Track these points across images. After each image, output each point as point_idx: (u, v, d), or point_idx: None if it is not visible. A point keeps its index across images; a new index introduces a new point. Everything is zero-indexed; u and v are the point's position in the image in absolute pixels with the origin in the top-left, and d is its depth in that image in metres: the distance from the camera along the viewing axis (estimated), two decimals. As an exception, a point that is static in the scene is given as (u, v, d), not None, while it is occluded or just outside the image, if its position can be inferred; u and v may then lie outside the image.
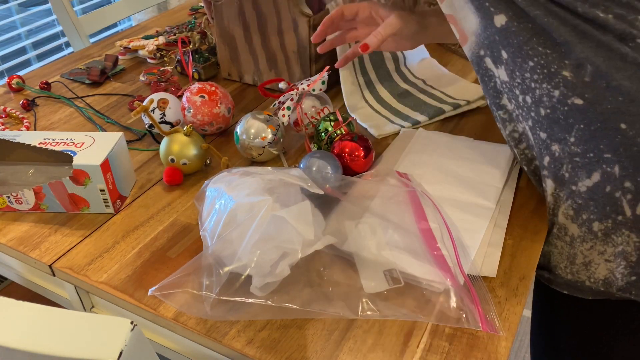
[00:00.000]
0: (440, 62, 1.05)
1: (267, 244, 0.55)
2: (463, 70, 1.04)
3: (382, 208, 0.64)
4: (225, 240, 0.57)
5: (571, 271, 0.69)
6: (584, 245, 0.65)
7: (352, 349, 0.54)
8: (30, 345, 0.41)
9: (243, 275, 0.56)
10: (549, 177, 0.65)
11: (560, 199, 0.65)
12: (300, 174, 0.62)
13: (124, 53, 1.14)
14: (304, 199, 0.60)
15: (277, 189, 0.59)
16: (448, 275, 0.58)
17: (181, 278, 0.58)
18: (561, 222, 0.66)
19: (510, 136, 0.68)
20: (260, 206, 0.56)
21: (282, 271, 0.56)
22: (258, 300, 0.56)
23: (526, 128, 0.65)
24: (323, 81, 0.81)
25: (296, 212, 0.57)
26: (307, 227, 0.57)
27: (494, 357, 0.53)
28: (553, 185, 0.65)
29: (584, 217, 0.63)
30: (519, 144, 0.68)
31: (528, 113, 0.62)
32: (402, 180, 0.68)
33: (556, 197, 0.65)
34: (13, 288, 1.39)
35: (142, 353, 0.44)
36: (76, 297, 0.68)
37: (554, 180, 0.64)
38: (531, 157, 0.68)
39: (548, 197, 0.66)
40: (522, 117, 0.64)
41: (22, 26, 2.00)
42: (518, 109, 0.63)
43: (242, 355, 0.54)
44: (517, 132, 0.67)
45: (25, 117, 0.92)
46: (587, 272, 0.67)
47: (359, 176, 0.69)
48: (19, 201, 0.71)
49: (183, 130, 0.75)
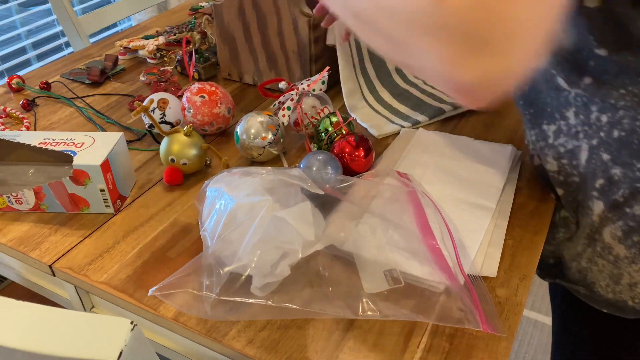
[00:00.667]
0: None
1: (268, 244, 0.55)
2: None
3: (382, 208, 0.64)
4: (226, 241, 0.57)
5: (613, 290, 0.67)
6: (633, 266, 0.64)
7: (353, 349, 0.54)
8: (30, 345, 0.40)
9: (243, 276, 0.56)
10: (599, 199, 0.63)
11: (608, 219, 0.63)
12: (300, 174, 0.62)
13: (124, 53, 1.14)
14: (304, 199, 0.60)
15: (277, 189, 0.59)
16: (448, 275, 0.58)
17: (181, 278, 0.58)
18: (607, 241, 0.65)
19: (555, 149, 0.66)
20: (261, 206, 0.56)
21: (282, 271, 0.56)
22: (258, 300, 0.56)
23: (583, 146, 0.63)
24: (323, 81, 0.81)
25: (296, 213, 0.57)
26: (307, 228, 0.57)
27: (495, 357, 0.53)
28: (603, 207, 0.63)
29: (634, 239, 0.62)
30: (561, 158, 0.66)
31: (596, 132, 0.60)
32: (402, 180, 0.68)
33: (604, 217, 0.64)
34: (13, 288, 1.39)
35: (142, 353, 0.44)
36: (76, 297, 0.68)
37: (606, 202, 0.63)
38: (571, 172, 0.66)
39: (593, 217, 0.65)
40: (584, 134, 0.62)
41: (22, 26, 2.00)
42: (584, 125, 0.61)
43: (242, 355, 0.54)
44: (564, 148, 0.65)
45: (25, 117, 0.92)
46: (631, 292, 0.66)
47: (359, 176, 0.69)
48: (19, 201, 0.71)
49: (183, 130, 0.75)
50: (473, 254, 0.62)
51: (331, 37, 0.93)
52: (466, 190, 0.71)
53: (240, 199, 0.58)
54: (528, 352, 1.55)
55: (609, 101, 0.57)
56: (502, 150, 0.78)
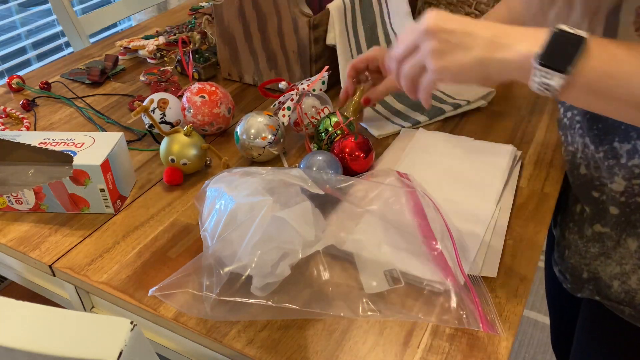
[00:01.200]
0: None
1: (268, 244, 0.55)
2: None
3: (382, 208, 0.64)
4: (226, 241, 0.57)
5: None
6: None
7: (353, 349, 0.54)
8: (30, 345, 0.40)
9: (243, 276, 0.56)
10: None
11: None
12: (301, 174, 0.62)
13: (124, 53, 1.14)
14: (304, 200, 0.60)
15: (278, 189, 0.59)
16: (448, 275, 0.58)
17: (181, 278, 0.58)
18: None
19: (628, 169, 0.64)
20: (261, 206, 0.56)
21: (282, 271, 0.56)
22: (258, 300, 0.56)
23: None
24: (323, 81, 0.81)
25: (296, 213, 0.57)
26: (307, 228, 0.57)
27: (495, 358, 0.53)
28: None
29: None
30: (633, 179, 0.64)
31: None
32: (403, 180, 0.68)
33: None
34: (13, 288, 1.39)
35: (142, 353, 0.44)
36: (76, 297, 0.68)
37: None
38: (638, 193, 0.64)
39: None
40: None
41: (22, 26, 1.99)
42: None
43: (242, 356, 0.54)
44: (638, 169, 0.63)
45: (25, 117, 0.92)
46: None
47: (359, 176, 0.69)
48: (19, 201, 0.71)
49: (183, 130, 0.75)
50: (473, 254, 0.62)
51: (331, 37, 0.93)
52: (466, 190, 0.71)
53: (240, 199, 0.58)
54: (528, 352, 1.55)
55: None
56: (503, 151, 0.78)
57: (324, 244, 0.60)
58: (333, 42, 0.93)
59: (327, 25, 0.93)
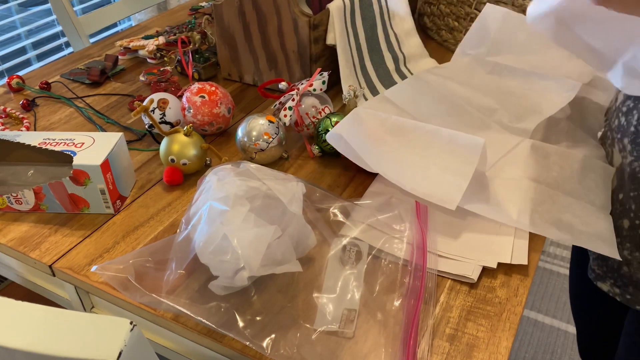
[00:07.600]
0: (439, 62, 1.05)
1: (223, 255, 0.55)
2: (463, 70, 1.04)
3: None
4: (189, 238, 0.58)
5: None
6: None
7: (352, 349, 0.54)
8: (30, 345, 0.41)
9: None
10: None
11: None
12: (293, 187, 0.60)
13: (124, 53, 1.14)
14: (283, 217, 0.57)
15: (257, 199, 0.57)
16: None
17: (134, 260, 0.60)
18: None
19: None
20: (224, 217, 0.55)
21: (241, 281, 0.55)
22: (179, 307, 0.56)
23: None
24: (323, 81, 0.81)
25: (250, 237, 0.55)
26: (253, 255, 0.54)
27: (494, 358, 0.53)
28: None
29: None
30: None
31: None
32: (416, 224, 0.66)
33: None
34: (13, 288, 1.39)
35: (142, 353, 0.44)
36: (76, 297, 0.68)
37: None
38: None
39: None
40: None
41: (22, 26, 1.99)
42: None
43: (242, 356, 0.54)
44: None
45: (25, 117, 0.92)
46: None
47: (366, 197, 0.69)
48: (19, 201, 0.71)
49: (183, 130, 0.75)
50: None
51: (331, 37, 0.93)
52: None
53: (214, 201, 0.57)
54: (528, 352, 1.55)
55: None
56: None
57: (285, 270, 0.56)
58: (333, 42, 0.93)
59: (327, 25, 0.93)
